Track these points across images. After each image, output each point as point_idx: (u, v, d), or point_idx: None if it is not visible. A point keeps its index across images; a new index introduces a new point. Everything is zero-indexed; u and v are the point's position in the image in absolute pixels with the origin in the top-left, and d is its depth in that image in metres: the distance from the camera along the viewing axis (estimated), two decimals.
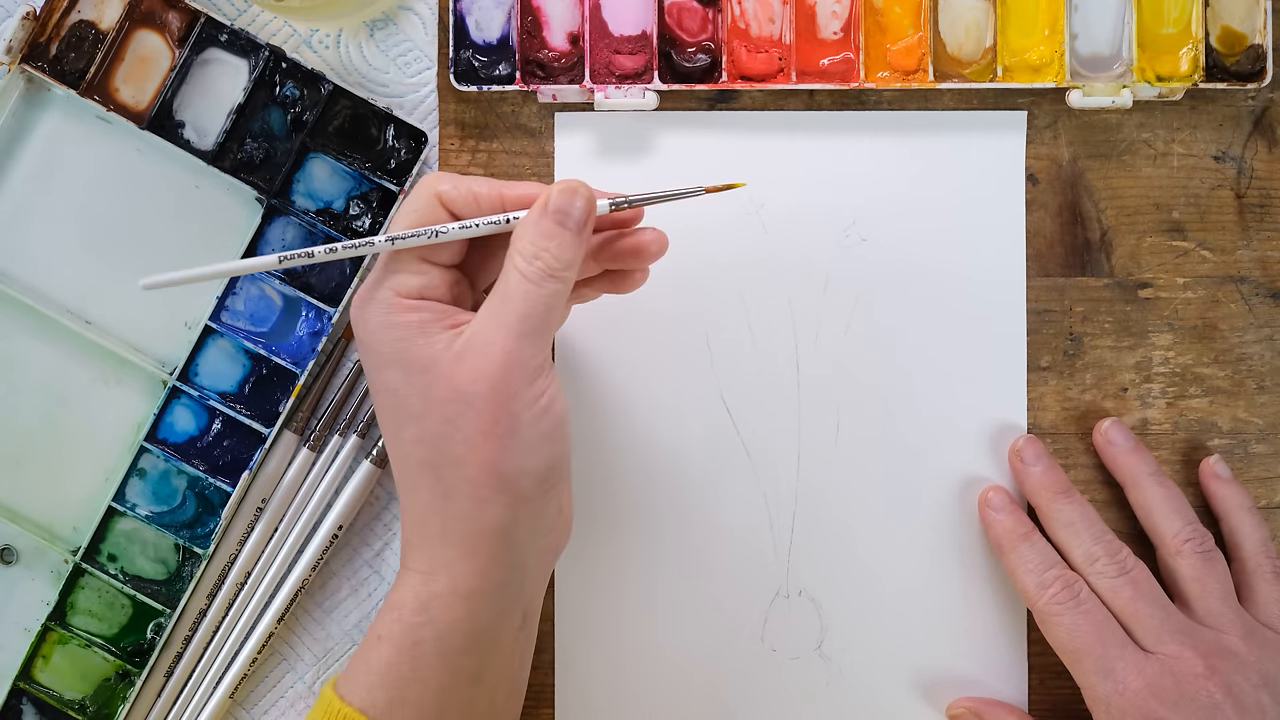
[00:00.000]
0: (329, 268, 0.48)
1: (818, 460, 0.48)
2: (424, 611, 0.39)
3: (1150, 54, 0.47)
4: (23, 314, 0.48)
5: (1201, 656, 0.42)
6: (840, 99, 0.49)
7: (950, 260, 0.48)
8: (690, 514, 0.48)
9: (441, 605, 0.39)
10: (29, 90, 0.48)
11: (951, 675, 0.48)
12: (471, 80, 0.47)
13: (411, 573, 0.40)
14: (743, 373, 0.48)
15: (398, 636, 0.39)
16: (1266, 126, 0.49)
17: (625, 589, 0.48)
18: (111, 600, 0.48)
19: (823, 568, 0.48)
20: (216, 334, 0.48)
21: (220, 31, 0.47)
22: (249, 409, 0.48)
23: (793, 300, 0.48)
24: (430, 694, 0.39)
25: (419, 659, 0.39)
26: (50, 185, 0.48)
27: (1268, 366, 0.49)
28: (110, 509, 0.48)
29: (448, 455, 0.38)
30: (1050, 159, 0.49)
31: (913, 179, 0.48)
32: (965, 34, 0.47)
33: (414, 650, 0.39)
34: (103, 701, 0.48)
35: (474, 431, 0.37)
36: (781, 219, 0.48)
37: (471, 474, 0.38)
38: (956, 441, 0.48)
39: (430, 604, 0.39)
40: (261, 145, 0.47)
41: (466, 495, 0.38)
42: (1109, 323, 0.49)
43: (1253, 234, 0.49)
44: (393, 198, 0.47)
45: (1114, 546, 0.45)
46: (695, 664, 0.48)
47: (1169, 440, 0.49)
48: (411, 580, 0.39)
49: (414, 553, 0.40)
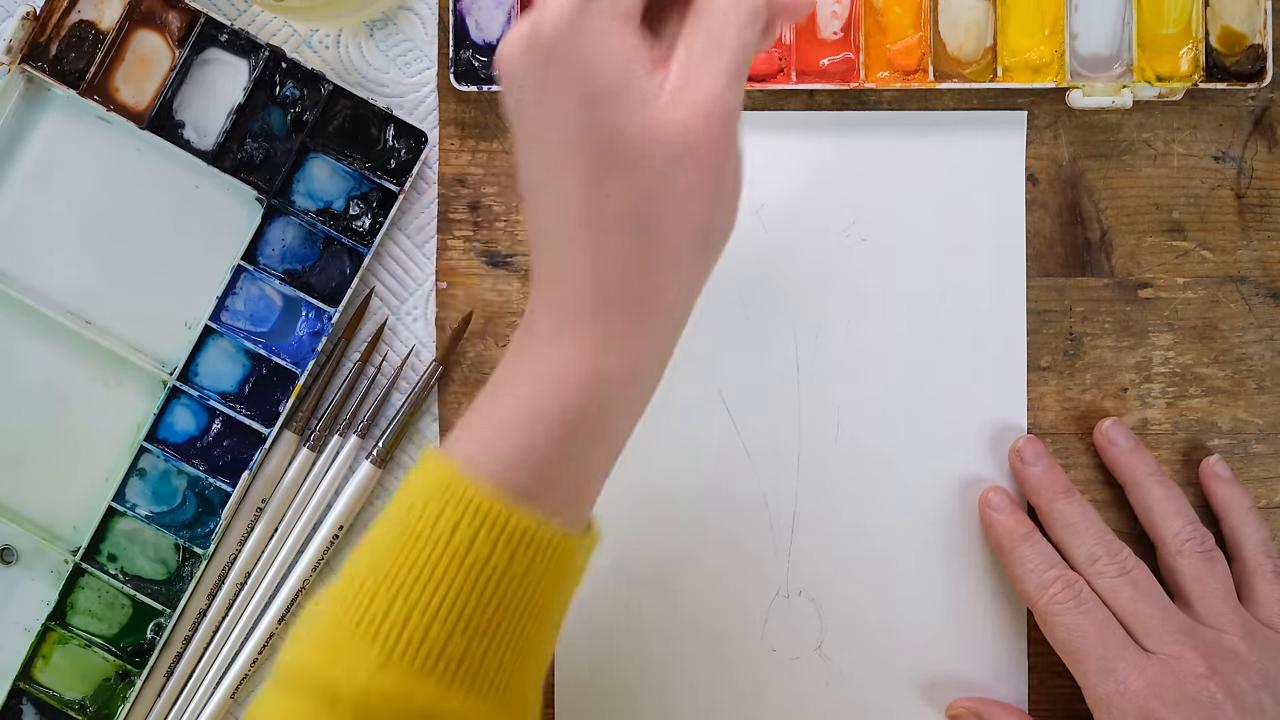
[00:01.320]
0: (329, 267, 0.48)
1: (818, 460, 0.48)
2: (592, 388, 0.34)
3: (1150, 54, 0.47)
4: (23, 314, 0.48)
5: (1203, 656, 0.42)
6: (840, 99, 0.49)
7: (950, 260, 0.48)
8: (690, 513, 0.48)
9: (613, 383, 0.35)
10: (29, 90, 0.48)
11: (951, 675, 0.48)
12: (471, 80, 0.47)
13: (574, 342, 0.34)
14: (743, 373, 0.48)
15: (557, 413, 0.34)
16: (1266, 126, 0.49)
17: (625, 588, 0.48)
18: (111, 600, 0.48)
19: (823, 568, 0.48)
20: (216, 334, 0.48)
21: (220, 31, 0.47)
22: (249, 409, 0.48)
23: (793, 300, 0.48)
24: (583, 479, 0.36)
25: (577, 438, 0.34)
26: (50, 185, 0.48)
27: (1268, 366, 0.49)
28: (110, 509, 0.48)
29: (657, 211, 0.34)
30: (1050, 159, 0.49)
31: (913, 179, 0.48)
32: (965, 34, 0.47)
33: (574, 429, 0.34)
34: (103, 701, 0.48)
35: (688, 187, 0.34)
36: (781, 219, 0.48)
37: (677, 234, 0.34)
38: (956, 441, 0.48)
39: (601, 381, 0.34)
40: (261, 145, 0.47)
41: (667, 257, 0.34)
42: (1109, 323, 0.49)
43: (1253, 234, 0.49)
44: (393, 198, 0.47)
45: (1114, 546, 0.45)
46: (695, 664, 0.48)
47: (1169, 440, 0.49)
48: (576, 352, 0.34)
49: (581, 323, 0.35)
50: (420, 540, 0.33)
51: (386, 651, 0.32)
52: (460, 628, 0.33)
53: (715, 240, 0.35)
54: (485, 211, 0.49)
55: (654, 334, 0.35)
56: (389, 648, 0.32)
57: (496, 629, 0.33)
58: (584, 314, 0.35)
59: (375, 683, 0.32)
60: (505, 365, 0.36)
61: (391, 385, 0.48)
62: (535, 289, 0.36)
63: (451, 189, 0.49)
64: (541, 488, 0.34)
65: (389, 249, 0.49)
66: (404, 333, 0.49)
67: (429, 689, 0.32)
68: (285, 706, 0.33)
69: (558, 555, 0.34)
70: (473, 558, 0.33)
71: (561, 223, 0.35)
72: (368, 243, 0.47)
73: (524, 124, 0.35)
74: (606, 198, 0.34)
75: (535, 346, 0.35)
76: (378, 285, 0.49)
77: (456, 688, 0.33)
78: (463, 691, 0.33)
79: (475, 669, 0.33)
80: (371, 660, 0.32)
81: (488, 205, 0.49)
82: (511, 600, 0.33)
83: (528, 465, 0.34)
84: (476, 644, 0.33)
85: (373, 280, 0.49)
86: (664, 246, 0.34)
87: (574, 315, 0.35)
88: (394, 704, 0.32)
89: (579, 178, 0.34)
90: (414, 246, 0.49)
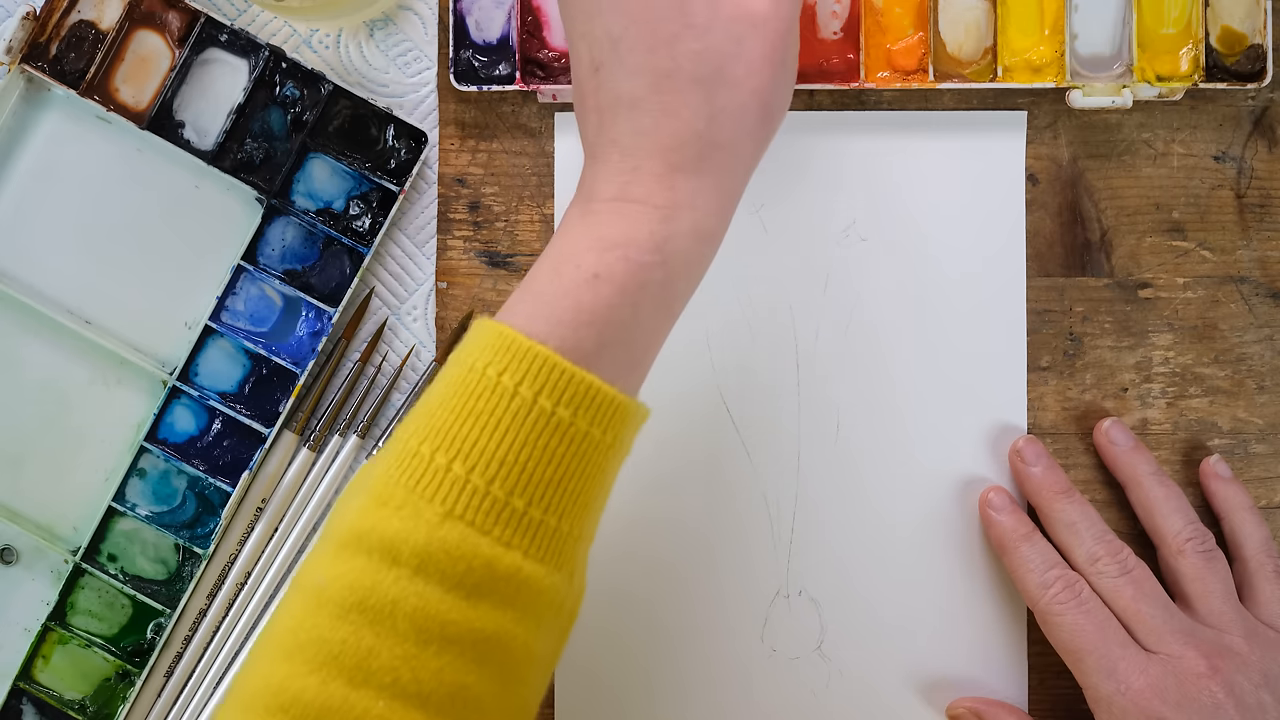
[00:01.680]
0: (329, 267, 0.48)
1: (818, 460, 0.48)
2: (659, 251, 0.35)
3: (1150, 54, 0.47)
4: (23, 314, 0.48)
5: (1204, 656, 0.42)
6: (840, 99, 0.49)
7: (950, 260, 0.48)
8: (690, 513, 0.48)
9: (678, 246, 0.35)
10: (29, 90, 0.48)
11: (951, 675, 0.48)
12: (471, 80, 0.47)
13: (641, 206, 0.35)
14: (743, 373, 0.48)
15: (623, 277, 0.34)
16: (1266, 126, 0.49)
17: (625, 588, 0.48)
18: (111, 600, 0.48)
19: (823, 568, 0.48)
20: (216, 334, 0.48)
21: (220, 31, 0.47)
22: (249, 409, 0.48)
23: (793, 300, 0.48)
24: (642, 341, 0.36)
25: (642, 303, 0.35)
26: (50, 185, 0.48)
27: (1268, 366, 0.49)
28: (110, 509, 0.48)
29: (727, 75, 0.35)
30: (1050, 159, 0.49)
31: (913, 179, 0.48)
32: (965, 34, 0.47)
33: (640, 293, 0.35)
34: (103, 701, 0.48)
35: (757, 55, 0.35)
36: (781, 219, 0.48)
37: (744, 99, 0.35)
38: (956, 441, 0.48)
39: (667, 244, 0.35)
40: (261, 145, 0.47)
41: (733, 121, 0.36)
42: (1109, 323, 0.49)
43: (1253, 234, 0.49)
44: (393, 198, 0.47)
45: (1115, 546, 0.45)
46: (695, 664, 0.48)
47: (1169, 440, 0.49)
48: (644, 215, 0.35)
49: (648, 187, 0.35)
50: (482, 399, 0.33)
51: (447, 508, 0.32)
52: (522, 485, 0.33)
53: (774, 114, 0.37)
54: (485, 211, 0.49)
55: (718, 198, 0.36)
56: (450, 504, 0.32)
57: (556, 487, 0.33)
58: (652, 178, 0.35)
59: (437, 536, 0.32)
60: (562, 240, 0.36)
61: (391, 385, 0.48)
62: (595, 163, 0.37)
63: (451, 189, 0.49)
64: (604, 352, 0.34)
65: (389, 249, 0.49)
66: (404, 333, 0.49)
67: (490, 545, 0.32)
68: (341, 569, 0.32)
69: (618, 417, 0.34)
70: (536, 413, 0.33)
71: (633, 86, 0.35)
72: (368, 243, 0.47)
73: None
74: (680, 57, 0.35)
75: (599, 213, 0.36)
76: (378, 285, 0.49)
77: (514, 548, 0.33)
78: (519, 552, 0.33)
79: (535, 529, 0.33)
80: (433, 516, 0.32)
81: (488, 205, 0.49)
82: (572, 459, 0.34)
83: (593, 327, 0.34)
84: (537, 502, 0.33)
85: (373, 280, 0.49)
86: (732, 110, 0.35)
87: (642, 180, 0.35)
88: (456, 558, 0.32)
89: (656, 39, 0.35)
90: (414, 246, 0.49)
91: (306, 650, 0.32)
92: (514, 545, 0.33)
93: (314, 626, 0.32)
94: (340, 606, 0.32)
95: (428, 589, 0.32)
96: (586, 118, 0.37)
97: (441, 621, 0.32)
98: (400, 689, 0.31)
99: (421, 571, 0.32)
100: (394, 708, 0.31)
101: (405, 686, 0.31)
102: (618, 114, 0.36)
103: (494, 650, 0.33)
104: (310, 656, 0.32)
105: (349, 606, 0.32)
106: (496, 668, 0.33)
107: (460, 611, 0.32)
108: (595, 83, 0.36)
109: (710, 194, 0.36)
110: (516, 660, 0.33)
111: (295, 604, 0.33)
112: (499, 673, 0.33)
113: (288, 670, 0.32)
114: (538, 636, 0.34)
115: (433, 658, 0.32)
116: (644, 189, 0.35)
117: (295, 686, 0.31)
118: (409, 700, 0.31)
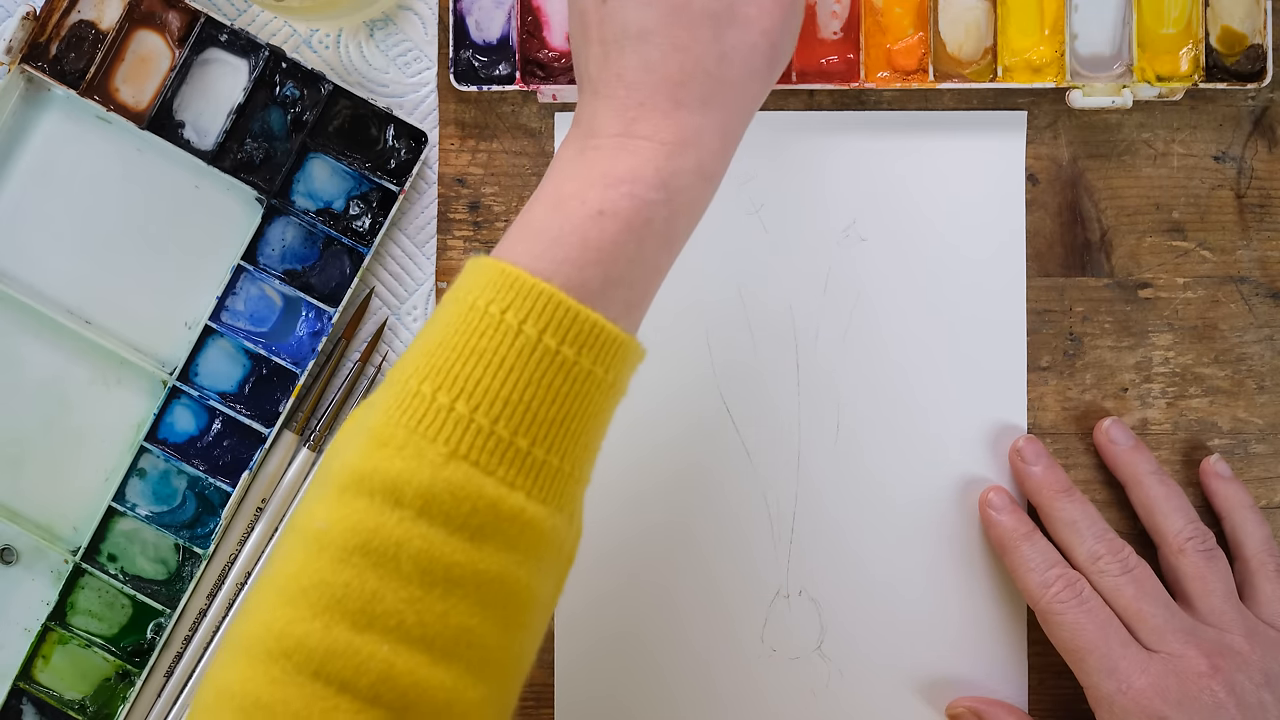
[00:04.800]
0: (329, 267, 0.48)
1: (818, 460, 0.48)
2: (664, 188, 0.35)
3: (1150, 54, 0.47)
4: (23, 314, 0.48)
5: (1205, 655, 0.42)
6: (840, 99, 0.49)
7: (950, 260, 0.48)
8: (690, 513, 0.48)
9: (683, 183, 0.35)
10: (29, 90, 0.48)
11: (951, 675, 0.48)
12: (471, 80, 0.48)
13: (647, 142, 0.35)
14: (743, 373, 0.48)
15: (629, 213, 0.34)
16: (1266, 126, 0.49)
17: (625, 589, 0.48)
18: (111, 600, 0.48)
19: (823, 568, 0.48)
20: (216, 334, 0.48)
21: (220, 31, 0.47)
22: (249, 409, 0.48)
23: (792, 300, 0.48)
24: (644, 280, 0.35)
25: (646, 240, 0.35)
26: (50, 185, 0.48)
27: (1268, 366, 0.49)
28: (110, 509, 0.48)
29: (739, 13, 0.36)
30: (1050, 159, 0.49)
31: (913, 179, 0.48)
32: (965, 34, 0.47)
33: (644, 230, 0.34)
34: (103, 701, 0.48)
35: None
36: (781, 219, 0.48)
37: (754, 39, 0.36)
38: (956, 441, 0.48)
39: (672, 180, 0.35)
40: (261, 145, 0.47)
41: (742, 60, 0.36)
42: (1109, 323, 0.49)
43: (1253, 234, 0.49)
44: (393, 198, 0.47)
45: (1116, 545, 0.45)
46: (695, 664, 0.48)
47: (1169, 440, 0.49)
48: (649, 151, 0.35)
49: (654, 122, 0.35)
50: (485, 337, 0.33)
51: (451, 447, 0.32)
52: (526, 424, 0.32)
53: (781, 57, 0.37)
54: (485, 211, 0.49)
55: (722, 138, 0.36)
56: (454, 444, 0.32)
57: (559, 427, 0.33)
58: (659, 114, 0.35)
59: (441, 476, 0.31)
60: (561, 176, 0.36)
61: None
62: (597, 98, 0.36)
63: (451, 189, 0.49)
64: (608, 290, 0.34)
65: (389, 249, 0.49)
66: (404, 333, 0.49)
67: (494, 486, 0.32)
68: (343, 511, 0.32)
69: (620, 356, 0.34)
70: (541, 351, 0.33)
71: (644, 17, 0.35)
72: (368, 243, 0.47)
73: None
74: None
75: (601, 149, 0.35)
76: (378, 285, 0.49)
77: (519, 488, 0.32)
78: (523, 493, 0.32)
79: (538, 469, 0.33)
80: (436, 457, 0.32)
81: (488, 205, 0.49)
82: (575, 398, 0.33)
83: (599, 265, 0.34)
84: (541, 442, 0.33)
85: (373, 280, 0.49)
86: (743, 49, 0.36)
87: (648, 115, 0.35)
88: (461, 499, 0.31)
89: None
90: (414, 246, 0.49)
91: (309, 594, 0.31)
92: (518, 486, 0.32)
93: (316, 570, 0.31)
94: (343, 550, 0.31)
95: (432, 531, 0.31)
96: (589, 50, 0.37)
97: (446, 564, 0.31)
98: (405, 632, 0.31)
99: (425, 513, 0.31)
100: (399, 651, 0.31)
101: (410, 630, 0.31)
102: (624, 47, 0.36)
103: (498, 593, 0.32)
104: (313, 601, 0.31)
105: (352, 549, 0.31)
106: (500, 610, 0.32)
107: (465, 553, 0.31)
108: (602, 13, 0.36)
109: (715, 133, 0.36)
110: (520, 603, 0.33)
111: (295, 548, 0.32)
112: (502, 615, 0.32)
113: (290, 615, 0.31)
114: (540, 579, 0.33)
115: (438, 600, 0.31)
116: (650, 125, 0.35)
117: (299, 631, 0.31)
118: (414, 644, 0.31)
